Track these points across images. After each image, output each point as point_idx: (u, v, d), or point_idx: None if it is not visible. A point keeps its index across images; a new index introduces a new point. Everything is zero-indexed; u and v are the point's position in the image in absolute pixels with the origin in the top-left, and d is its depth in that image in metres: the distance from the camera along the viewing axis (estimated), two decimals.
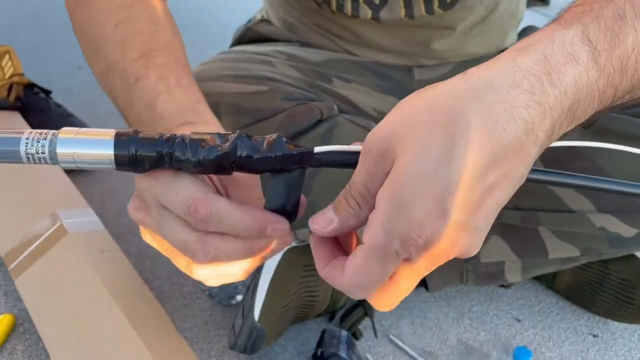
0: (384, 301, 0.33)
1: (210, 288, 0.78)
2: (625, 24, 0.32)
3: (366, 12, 0.71)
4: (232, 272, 0.39)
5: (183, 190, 0.35)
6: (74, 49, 0.57)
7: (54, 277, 0.71)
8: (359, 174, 0.32)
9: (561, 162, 0.68)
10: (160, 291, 0.79)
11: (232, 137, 0.35)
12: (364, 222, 0.33)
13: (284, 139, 0.35)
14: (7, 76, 1.06)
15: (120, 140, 0.35)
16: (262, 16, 0.89)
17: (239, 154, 0.34)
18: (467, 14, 0.73)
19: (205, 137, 0.35)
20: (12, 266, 0.75)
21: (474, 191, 0.29)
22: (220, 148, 0.34)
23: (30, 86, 1.09)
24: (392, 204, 0.29)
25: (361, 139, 0.70)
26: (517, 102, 0.29)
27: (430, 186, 0.28)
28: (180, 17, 0.60)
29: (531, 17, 0.89)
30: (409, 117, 0.30)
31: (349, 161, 0.34)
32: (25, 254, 0.75)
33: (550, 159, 0.67)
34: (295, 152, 0.34)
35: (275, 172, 0.35)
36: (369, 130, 0.69)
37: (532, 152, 0.30)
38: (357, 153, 0.34)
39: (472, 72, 0.30)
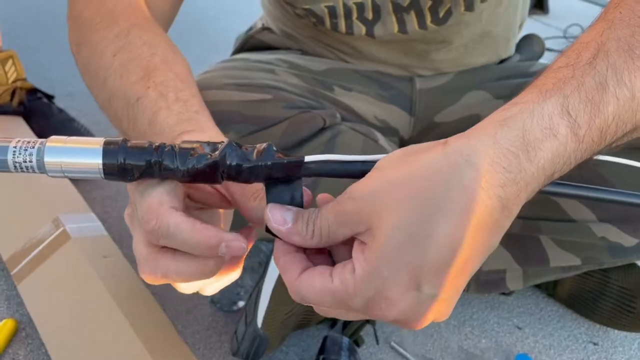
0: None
1: (212, 294, 0.78)
2: (606, 93, 0.32)
3: (360, 28, 0.72)
4: (188, 287, 0.39)
5: (148, 199, 0.35)
6: None
7: (56, 282, 0.72)
8: (330, 214, 0.33)
9: None
10: (161, 296, 0.79)
11: (222, 145, 0.34)
12: (304, 247, 0.34)
13: (275, 148, 0.34)
14: (10, 81, 1.06)
15: (108, 149, 0.34)
16: (263, 24, 0.90)
17: (228, 162, 0.34)
18: (463, 28, 0.73)
19: (195, 145, 0.35)
20: (14, 271, 0.75)
21: (447, 267, 0.30)
22: (209, 157, 0.34)
23: (33, 91, 1.10)
24: (367, 275, 0.31)
25: (364, 147, 0.71)
26: (494, 180, 0.30)
27: (405, 264, 0.30)
28: (182, 23, 0.60)
29: (531, 25, 0.89)
30: (389, 188, 0.31)
31: (341, 171, 0.34)
32: (28, 258, 0.75)
33: None
34: (285, 161, 0.34)
35: (267, 182, 0.35)
36: (371, 139, 0.70)
37: (505, 225, 0.31)
38: (350, 162, 0.34)
39: (453, 144, 0.31)
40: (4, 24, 1.10)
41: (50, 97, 1.13)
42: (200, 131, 0.42)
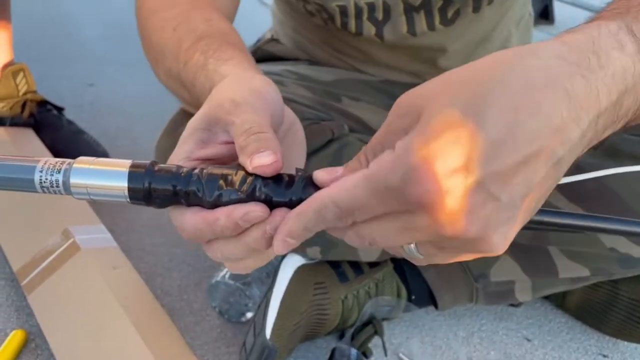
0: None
1: (220, 305, 0.78)
2: None
3: (369, 29, 0.72)
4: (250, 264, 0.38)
5: (170, 214, 0.36)
6: (85, 66, 0.59)
7: (66, 293, 0.72)
8: (379, 131, 0.32)
9: (570, 183, 0.69)
10: (170, 308, 0.80)
11: (250, 179, 0.33)
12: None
13: (303, 180, 0.33)
14: (21, 93, 1.07)
15: (135, 173, 0.34)
16: (272, 35, 0.91)
17: (257, 196, 0.33)
18: (467, 31, 0.74)
19: (225, 171, 0.34)
20: (24, 282, 0.75)
21: (502, 152, 0.26)
22: (239, 193, 0.33)
23: (43, 103, 1.11)
24: (408, 147, 0.27)
25: None
26: (560, 71, 0.27)
27: (454, 135, 0.26)
28: None
29: (536, 35, 0.90)
30: (447, 78, 0.29)
31: None
32: (38, 269, 0.75)
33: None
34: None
35: None
36: None
37: (574, 135, 0.27)
38: None
39: (515, 47, 0.29)
40: (15, 37, 1.11)
41: (60, 109, 1.14)
42: (223, 76, 0.43)
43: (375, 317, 0.78)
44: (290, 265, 0.74)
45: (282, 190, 0.33)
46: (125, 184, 0.34)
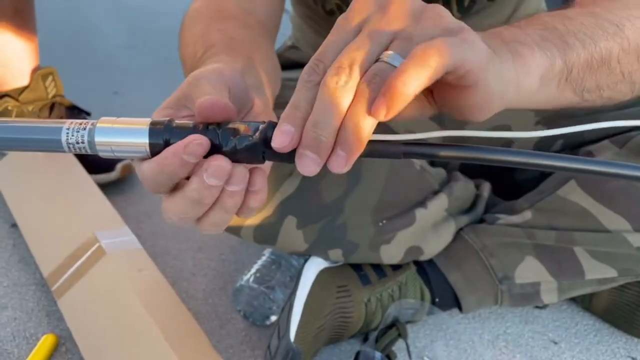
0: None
1: (245, 309, 0.79)
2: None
3: None
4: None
5: None
6: (109, 74, 0.60)
7: (94, 297, 0.73)
8: None
9: (595, 181, 0.68)
10: (195, 312, 0.81)
11: (263, 126, 0.35)
12: None
13: None
14: (50, 96, 1.09)
15: (154, 129, 0.35)
16: (292, 43, 0.92)
17: (270, 141, 0.34)
18: (483, 22, 0.74)
19: (239, 126, 0.35)
20: (54, 287, 0.77)
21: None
22: (251, 138, 0.35)
23: (71, 108, 1.13)
24: None
25: (392, 162, 0.71)
26: None
27: None
28: None
29: None
30: None
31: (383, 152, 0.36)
32: (66, 275, 0.77)
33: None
34: None
35: None
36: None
37: None
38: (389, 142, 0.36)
39: None
40: (41, 48, 1.13)
41: (87, 114, 1.16)
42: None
43: (398, 320, 0.78)
44: (313, 268, 0.74)
45: None
46: (147, 140, 0.35)
